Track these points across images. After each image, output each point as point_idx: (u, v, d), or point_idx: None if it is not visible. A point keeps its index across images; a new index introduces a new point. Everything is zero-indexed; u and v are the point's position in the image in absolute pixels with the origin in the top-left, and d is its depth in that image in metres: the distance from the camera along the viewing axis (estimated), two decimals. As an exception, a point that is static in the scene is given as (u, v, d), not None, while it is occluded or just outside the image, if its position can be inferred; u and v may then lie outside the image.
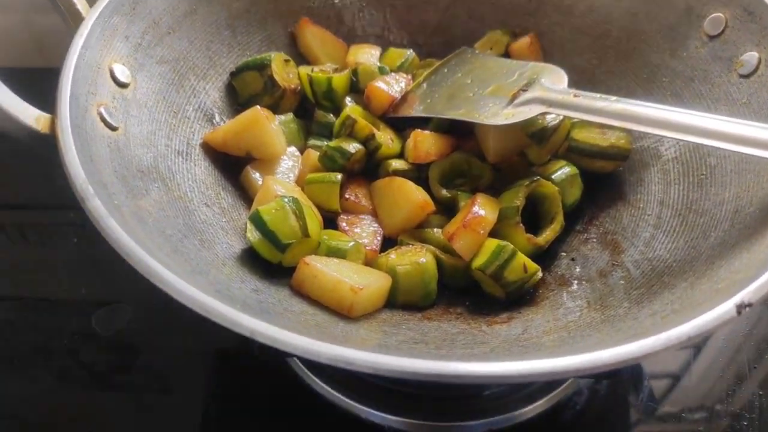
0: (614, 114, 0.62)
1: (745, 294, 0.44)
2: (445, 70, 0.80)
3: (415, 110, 0.76)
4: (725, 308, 0.43)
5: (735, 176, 0.63)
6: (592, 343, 0.51)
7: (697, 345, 0.76)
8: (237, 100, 0.77)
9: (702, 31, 0.72)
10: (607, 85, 0.80)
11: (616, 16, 0.80)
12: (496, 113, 0.69)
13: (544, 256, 0.69)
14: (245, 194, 0.71)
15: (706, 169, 0.67)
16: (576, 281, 0.65)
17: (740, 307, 0.43)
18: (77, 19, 0.64)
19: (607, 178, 0.74)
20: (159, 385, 0.70)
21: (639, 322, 0.52)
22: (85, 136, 0.54)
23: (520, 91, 0.70)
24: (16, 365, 0.72)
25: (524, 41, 0.83)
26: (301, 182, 0.71)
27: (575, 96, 0.66)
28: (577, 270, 0.67)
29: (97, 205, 0.47)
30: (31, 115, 0.53)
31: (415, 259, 0.64)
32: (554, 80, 0.70)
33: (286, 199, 0.61)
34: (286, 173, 0.71)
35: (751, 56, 0.67)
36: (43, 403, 0.69)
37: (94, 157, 0.54)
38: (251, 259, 0.62)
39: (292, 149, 0.74)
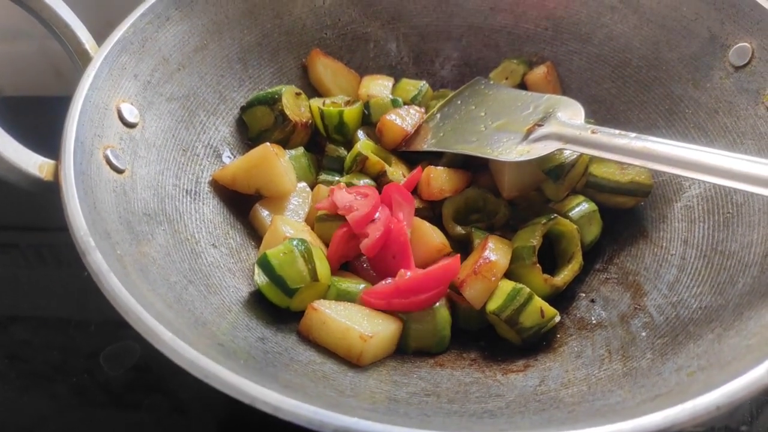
0: (634, 152, 0.60)
1: (779, 358, 0.41)
2: (458, 102, 0.79)
3: (428, 144, 0.74)
4: (758, 372, 0.40)
5: (764, 216, 0.60)
6: (613, 401, 0.48)
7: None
8: (247, 135, 0.76)
9: (727, 61, 0.69)
10: (626, 116, 0.77)
11: (636, 44, 0.77)
12: (510, 149, 0.67)
13: (562, 297, 0.66)
14: (255, 232, 0.69)
15: (732, 207, 0.64)
16: (596, 326, 0.62)
17: (774, 373, 0.40)
18: (85, 58, 0.64)
19: (627, 213, 0.72)
20: (173, 404, 0.69)
21: (663, 378, 0.49)
22: (90, 183, 0.53)
23: (535, 126, 0.68)
24: (34, 383, 0.72)
25: (540, 71, 0.81)
26: (311, 219, 0.70)
27: (593, 132, 0.63)
28: (597, 313, 0.64)
29: (97, 260, 0.45)
30: (34, 163, 0.52)
31: (428, 304, 0.62)
32: (571, 114, 0.67)
33: (294, 242, 0.59)
34: (296, 210, 0.70)
35: (779, 89, 0.64)
36: (60, 421, 0.68)
37: (99, 204, 0.53)
38: (258, 303, 0.60)
39: (303, 185, 0.72)
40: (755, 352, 0.45)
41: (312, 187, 0.73)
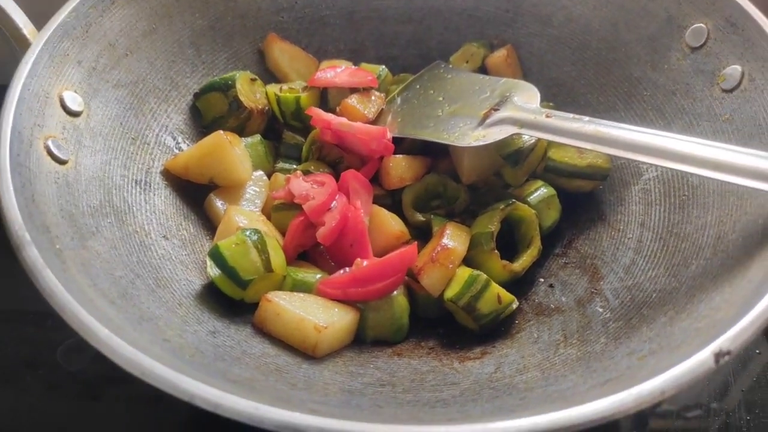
0: (588, 136, 0.59)
1: (724, 341, 0.41)
2: (417, 86, 0.77)
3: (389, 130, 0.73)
4: (702, 357, 0.41)
5: (718, 198, 0.60)
6: (564, 387, 0.48)
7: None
8: (201, 122, 0.74)
9: (684, 42, 0.69)
10: (586, 99, 0.77)
11: (596, 26, 0.77)
12: (466, 134, 0.67)
13: (521, 282, 0.66)
14: (209, 223, 0.68)
15: (688, 190, 0.64)
16: (554, 311, 0.62)
17: (718, 356, 0.40)
18: (23, 44, 0.61)
19: (586, 197, 0.72)
20: (146, 393, 0.67)
21: (615, 362, 0.50)
22: (28, 174, 0.51)
23: (491, 111, 0.67)
24: (4, 377, 0.70)
25: (501, 54, 0.80)
26: (268, 209, 0.68)
27: (547, 116, 0.63)
28: (556, 298, 0.64)
29: (32, 255, 0.44)
30: (-33, 155, 0.50)
31: (386, 292, 0.61)
32: (527, 98, 0.67)
33: (247, 233, 0.58)
34: (252, 200, 0.68)
35: (734, 70, 0.64)
36: (33, 415, 0.67)
37: (37, 197, 0.51)
38: (212, 296, 0.59)
39: (259, 173, 0.71)
40: (703, 335, 0.45)
41: (269, 176, 0.72)
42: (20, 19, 0.61)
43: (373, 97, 0.76)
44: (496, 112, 0.66)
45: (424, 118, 0.72)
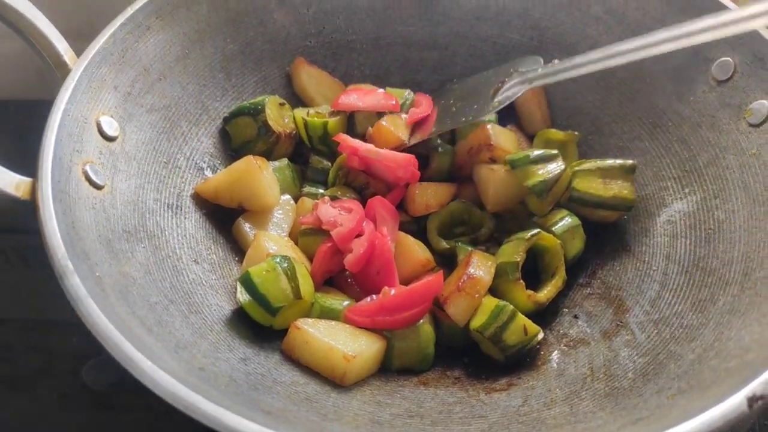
0: (593, 60, 0.63)
1: (757, 385, 0.41)
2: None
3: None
4: (735, 401, 0.41)
5: (744, 233, 0.61)
6: (594, 425, 0.48)
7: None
8: (230, 146, 0.75)
9: (710, 75, 0.70)
10: (610, 128, 0.77)
11: (621, 56, 0.77)
12: (482, 109, 0.71)
13: (545, 312, 0.66)
14: (237, 246, 0.69)
15: (714, 224, 0.64)
16: (579, 343, 0.62)
17: (752, 401, 0.41)
18: (64, 70, 0.62)
19: (610, 227, 0.72)
20: (158, 407, 0.68)
21: (644, 400, 0.50)
22: (68, 201, 0.52)
23: (500, 85, 0.71)
24: (17, 386, 0.71)
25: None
26: (295, 233, 0.69)
27: (552, 64, 0.68)
28: (581, 329, 0.64)
29: (75, 284, 0.45)
30: (10, 182, 0.51)
31: (412, 321, 0.61)
32: (531, 64, 0.72)
33: (277, 259, 0.59)
34: (279, 224, 0.69)
35: (761, 105, 0.64)
36: (44, 424, 0.68)
37: (77, 223, 0.52)
38: (241, 321, 0.60)
39: (287, 197, 0.72)
40: (734, 376, 0.45)
41: (296, 200, 0.72)
42: (61, 46, 0.62)
43: (399, 121, 0.77)
44: (505, 83, 0.71)
45: (440, 116, 0.76)
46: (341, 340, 0.57)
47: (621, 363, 0.57)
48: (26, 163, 0.54)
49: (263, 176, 0.67)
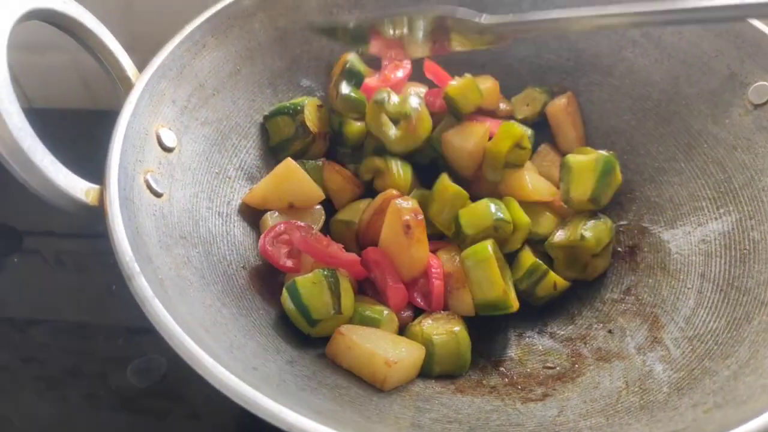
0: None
1: (794, 401, 0.42)
2: None
3: None
4: (772, 416, 0.42)
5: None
6: (631, 436, 0.50)
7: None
8: (269, 143, 0.78)
9: (746, 98, 0.71)
10: (646, 148, 0.79)
11: (657, 78, 0.79)
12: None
13: (581, 326, 0.68)
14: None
15: (749, 244, 0.65)
16: (614, 357, 0.64)
17: (789, 416, 0.42)
18: (126, 84, 0.66)
19: (646, 245, 0.73)
20: (187, 410, 0.71)
21: (679, 413, 0.51)
22: (133, 208, 0.56)
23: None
24: (49, 386, 0.74)
25: (561, 102, 0.83)
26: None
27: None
28: (615, 344, 0.66)
29: (142, 285, 0.48)
30: (81, 189, 0.55)
31: (450, 328, 0.63)
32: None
33: (325, 273, 0.61)
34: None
35: (797, 128, 0.66)
36: (74, 425, 0.70)
37: (141, 229, 0.55)
38: (286, 325, 0.63)
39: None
40: (770, 392, 0.46)
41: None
42: (126, 62, 0.66)
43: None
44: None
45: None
46: (383, 347, 0.59)
47: (656, 377, 0.58)
48: (87, 170, 0.58)
49: (305, 173, 0.71)
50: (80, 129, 0.61)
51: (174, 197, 0.63)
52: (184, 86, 0.69)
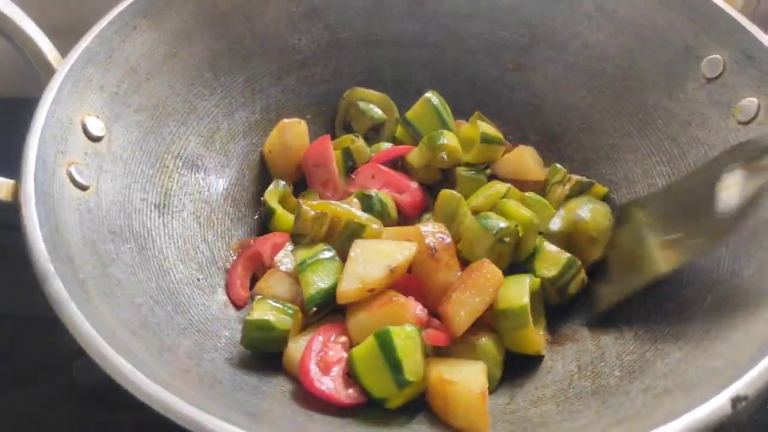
0: None
1: (741, 386, 0.41)
2: None
3: None
4: (719, 402, 0.41)
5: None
6: (579, 424, 0.48)
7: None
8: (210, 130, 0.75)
9: (700, 72, 0.69)
10: (601, 125, 0.77)
11: (612, 53, 0.77)
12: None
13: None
14: (226, 247, 0.68)
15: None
16: (567, 339, 0.62)
17: (736, 402, 0.41)
18: (48, 70, 0.62)
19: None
20: None
21: (630, 398, 0.50)
22: (52, 203, 0.52)
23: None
24: (14, 382, 0.71)
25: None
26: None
27: None
28: (568, 326, 0.64)
29: (57, 288, 0.44)
30: (-8, 184, 0.51)
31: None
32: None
33: (409, 328, 0.53)
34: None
35: (750, 102, 0.64)
36: (42, 419, 0.68)
37: (61, 225, 0.51)
38: (226, 320, 0.60)
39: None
40: (719, 376, 0.45)
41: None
42: (45, 46, 0.62)
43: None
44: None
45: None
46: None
47: (608, 360, 0.57)
48: (11, 163, 0.54)
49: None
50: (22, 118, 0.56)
51: (102, 189, 0.59)
52: (114, 71, 0.65)
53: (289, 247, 0.65)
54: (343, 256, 0.60)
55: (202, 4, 0.74)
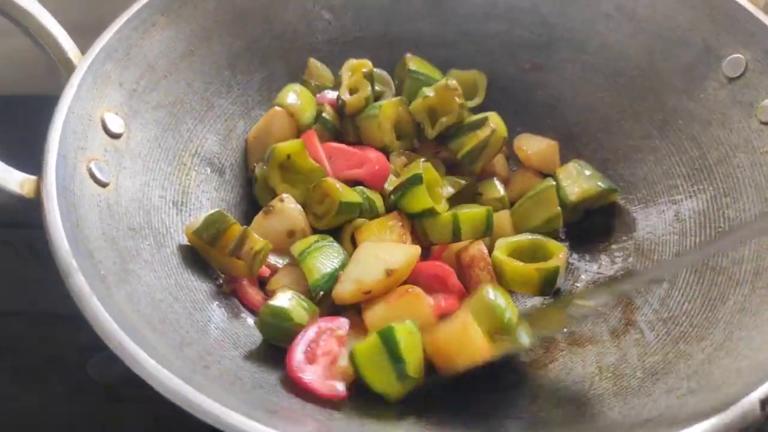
0: None
1: (769, 387, 0.41)
2: None
3: None
4: (747, 403, 0.40)
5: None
6: (603, 425, 0.48)
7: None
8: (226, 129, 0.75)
9: (721, 72, 0.69)
10: (620, 125, 0.77)
11: (631, 53, 0.76)
12: None
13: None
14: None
15: (724, 222, 0.63)
16: (587, 342, 0.62)
17: (765, 403, 0.40)
18: (69, 67, 0.62)
19: (619, 225, 0.71)
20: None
21: (653, 399, 0.49)
22: (73, 199, 0.52)
23: None
24: (28, 378, 0.71)
25: None
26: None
27: None
28: (588, 327, 0.64)
29: (79, 282, 0.45)
30: (15, 180, 0.51)
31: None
32: None
33: (410, 324, 0.53)
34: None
35: (774, 103, 0.63)
36: (56, 415, 0.68)
37: (81, 221, 0.51)
38: (243, 318, 0.60)
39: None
40: (745, 377, 0.45)
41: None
42: (66, 43, 0.62)
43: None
44: None
45: None
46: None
47: (630, 362, 0.56)
48: (33, 159, 0.54)
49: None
50: (19, 116, 0.56)
51: (122, 186, 0.59)
52: (132, 68, 0.65)
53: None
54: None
55: (221, 4, 0.74)
